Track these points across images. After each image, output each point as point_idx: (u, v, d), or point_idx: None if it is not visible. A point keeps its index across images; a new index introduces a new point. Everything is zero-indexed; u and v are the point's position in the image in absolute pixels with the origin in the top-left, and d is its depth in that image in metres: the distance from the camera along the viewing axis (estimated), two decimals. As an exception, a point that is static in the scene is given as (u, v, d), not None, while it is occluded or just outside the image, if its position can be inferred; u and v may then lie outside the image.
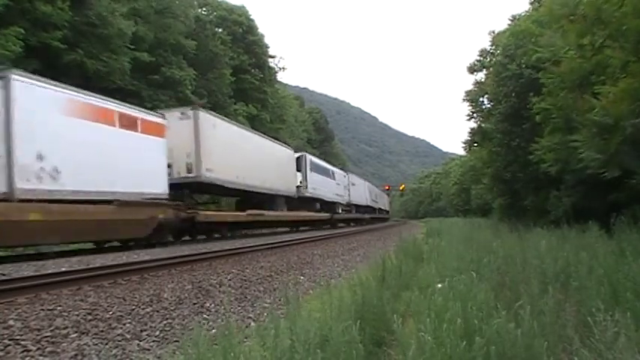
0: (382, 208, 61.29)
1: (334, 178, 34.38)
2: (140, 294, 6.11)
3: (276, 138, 29.56)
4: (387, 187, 75.03)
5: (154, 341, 4.49)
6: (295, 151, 28.37)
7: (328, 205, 31.86)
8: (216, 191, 18.91)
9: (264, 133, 26.90)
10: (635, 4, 7.97)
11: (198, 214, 15.83)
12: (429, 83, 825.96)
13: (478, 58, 28.96)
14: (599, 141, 9.08)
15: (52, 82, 11.08)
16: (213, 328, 4.88)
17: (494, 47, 26.43)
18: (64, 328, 4.49)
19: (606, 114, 8.58)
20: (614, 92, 8.67)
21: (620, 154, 8.80)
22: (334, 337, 2.95)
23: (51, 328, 4.46)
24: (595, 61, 9.80)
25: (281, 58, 59.33)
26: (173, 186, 15.12)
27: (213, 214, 17.40)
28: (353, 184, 40.17)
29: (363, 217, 43.64)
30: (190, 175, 15.68)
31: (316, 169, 29.68)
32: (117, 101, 13.35)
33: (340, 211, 34.99)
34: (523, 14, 25.45)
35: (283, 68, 60.69)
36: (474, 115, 28.44)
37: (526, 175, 19.40)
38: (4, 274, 7.15)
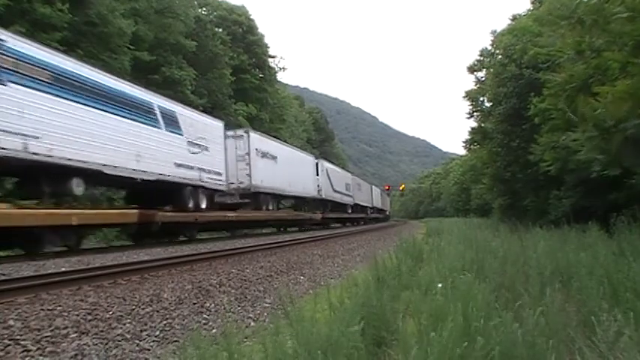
0: (367, 205, 44.61)
1: (176, 128, 15.73)
2: (140, 294, 6.11)
3: (275, 138, 28.61)
4: (387, 187, 75.09)
5: (154, 341, 4.48)
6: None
7: (144, 192, 14.56)
8: None
9: (264, 133, 26.39)
10: (635, 5, 7.96)
11: None
12: (429, 83, 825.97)
13: (478, 57, 29.02)
14: (600, 141, 9.10)
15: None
16: (213, 329, 4.88)
17: (494, 47, 26.46)
18: (64, 328, 4.49)
19: (606, 115, 8.58)
20: (612, 93, 8.67)
21: (621, 153, 8.81)
22: (336, 338, 2.95)
23: (51, 328, 4.45)
24: (594, 64, 9.82)
25: (281, 58, 59.38)
26: None
27: None
28: (264, 155, 21.74)
29: (310, 217, 27.16)
30: None
31: (57, 86, 11.16)
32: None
33: (203, 205, 17.01)
34: (524, 14, 25.48)
35: (283, 68, 60.68)
36: (474, 113, 28.50)
37: (526, 176, 19.43)
38: (4, 274, 7.15)
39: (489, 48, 27.73)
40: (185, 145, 16.22)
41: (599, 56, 9.44)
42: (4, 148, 9.76)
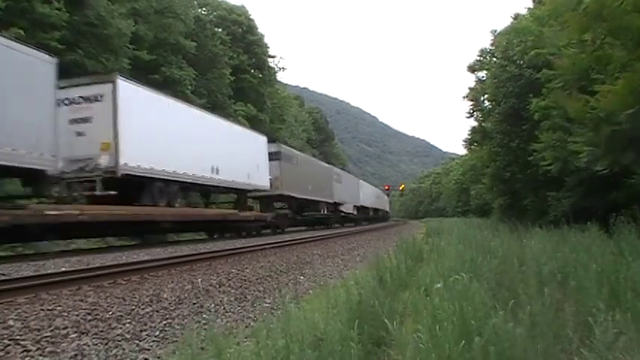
0: (326, 199, 30.09)
1: None
2: (140, 294, 6.12)
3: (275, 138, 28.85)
4: (386, 187, 75.16)
5: (153, 341, 4.49)
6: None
7: None
8: None
9: (264, 133, 26.49)
10: (635, 1, 7.96)
11: None
12: (428, 83, 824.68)
13: (478, 57, 28.99)
14: (590, 133, 9.12)
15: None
16: (213, 329, 4.89)
17: (494, 47, 26.43)
18: (64, 328, 4.50)
19: (599, 108, 8.57)
20: (613, 91, 8.65)
21: (615, 148, 8.80)
22: (331, 337, 2.95)
23: (51, 328, 4.46)
24: (595, 57, 9.81)
25: (281, 58, 59.25)
26: None
27: None
28: None
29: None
30: None
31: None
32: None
33: None
34: (526, 14, 25.44)
35: (283, 68, 60.55)
36: (474, 112, 28.47)
37: (526, 176, 19.43)
38: (4, 274, 7.16)
39: (489, 48, 27.73)
40: None
41: (601, 49, 9.42)
42: None
